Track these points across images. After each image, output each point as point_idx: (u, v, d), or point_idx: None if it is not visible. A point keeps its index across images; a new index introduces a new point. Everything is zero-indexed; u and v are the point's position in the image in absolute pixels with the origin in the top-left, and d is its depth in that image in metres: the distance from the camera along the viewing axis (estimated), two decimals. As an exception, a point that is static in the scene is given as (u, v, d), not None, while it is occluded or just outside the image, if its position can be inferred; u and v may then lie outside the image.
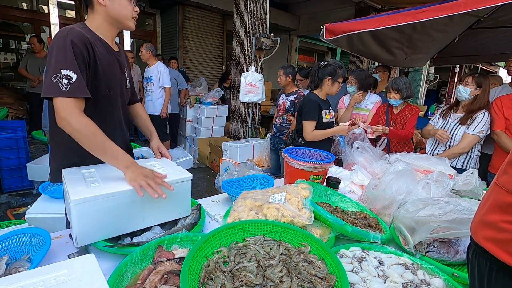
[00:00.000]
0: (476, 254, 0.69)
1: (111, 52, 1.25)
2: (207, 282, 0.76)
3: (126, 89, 1.39)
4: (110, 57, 1.23)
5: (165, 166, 1.22)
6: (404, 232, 1.09)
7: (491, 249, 0.63)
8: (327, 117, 2.34)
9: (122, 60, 1.35)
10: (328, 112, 2.36)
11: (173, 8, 6.60)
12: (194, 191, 3.85)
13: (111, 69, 1.22)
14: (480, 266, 0.67)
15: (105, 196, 0.94)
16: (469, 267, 0.74)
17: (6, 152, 3.22)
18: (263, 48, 4.29)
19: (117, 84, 1.29)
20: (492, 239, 0.64)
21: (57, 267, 0.70)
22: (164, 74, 4.15)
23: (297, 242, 0.95)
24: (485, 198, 0.73)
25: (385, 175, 1.41)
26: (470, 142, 2.25)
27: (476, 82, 2.22)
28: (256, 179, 1.71)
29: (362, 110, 2.93)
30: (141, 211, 1.03)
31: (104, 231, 0.97)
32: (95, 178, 1.03)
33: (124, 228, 1.02)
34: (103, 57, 1.17)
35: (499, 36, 3.71)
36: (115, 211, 0.97)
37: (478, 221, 0.71)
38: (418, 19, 2.18)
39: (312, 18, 7.65)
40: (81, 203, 0.90)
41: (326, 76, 2.27)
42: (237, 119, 4.66)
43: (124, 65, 1.36)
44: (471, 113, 2.26)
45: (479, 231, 0.69)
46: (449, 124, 2.38)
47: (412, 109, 2.57)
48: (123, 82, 1.35)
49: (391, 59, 3.73)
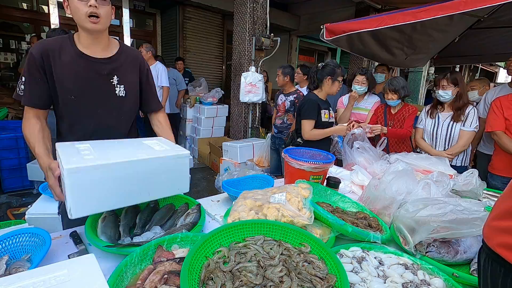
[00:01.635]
0: (489, 259, 0.68)
1: (85, 60, 1.21)
2: (207, 282, 0.76)
3: (117, 96, 1.29)
4: (79, 65, 1.20)
5: (161, 143, 1.19)
6: (404, 232, 1.09)
7: (506, 256, 0.62)
8: (326, 117, 2.35)
9: (112, 67, 1.27)
10: (328, 112, 2.37)
11: (173, 8, 6.60)
12: (194, 191, 3.85)
13: (75, 77, 1.19)
14: (494, 272, 0.66)
15: (99, 166, 0.90)
16: (481, 272, 0.72)
17: (6, 152, 3.22)
18: (263, 48, 4.30)
19: (87, 92, 1.22)
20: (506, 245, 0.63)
21: (57, 267, 0.70)
22: (162, 73, 4.15)
23: (297, 242, 0.95)
24: (501, 201, 0.71)
25: (385, 175, 1.41)
26: (468, 138, 2.32)
27: (452, 82, 2.28)
28: (256, 179, 1.71)
29: (362, 110, 2.93)
30: (137, 184, 1.01)
31: (99, 203, 0.94)
32: (90, 152, 1.01)
33: (119, 201, 0.99)
34: (65, 65, 1.17)
35: (499, 36, 3.71)
36: (109, 183, 0.94)
37: (493, 226, 0.69)
38: (418, 19, 2.19)
39: (312, 18, 7.64)
40: (75, 173, 0.86)
41: (325, 76, 2.30)
42: (237, 119, 4.66)
43: (113, 72, 1.27)
44: (460, 110, 2.31)
45: (495, 237, 0.67)
46: (441, 123, 2.40)
47: (409, 108, 2.59)
48: (104, 89, 1.26)
49: (391, 59, 3.73)
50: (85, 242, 1.04)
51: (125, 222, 1.13)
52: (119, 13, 6.39)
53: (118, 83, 1.29)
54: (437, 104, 2.46)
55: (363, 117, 2.90)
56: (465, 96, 2.33)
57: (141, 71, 1.40)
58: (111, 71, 1.27)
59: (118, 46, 1.34)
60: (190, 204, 1.29)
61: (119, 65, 1.30)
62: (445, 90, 2.31)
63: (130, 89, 1.34)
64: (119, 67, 1.30)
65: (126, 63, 1.33)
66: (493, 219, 0.70)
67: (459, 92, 2.29)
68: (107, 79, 1.27)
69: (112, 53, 1.29)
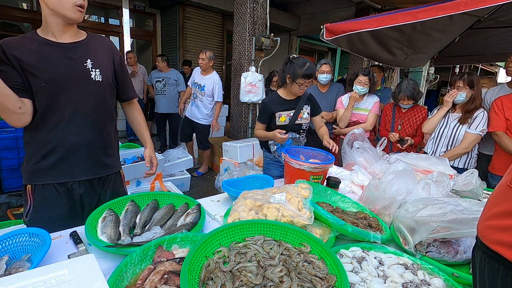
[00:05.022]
0: (486, 257, 0.68)
1: (51, 46, 1.19)
2: (207, 282, 0.76)
3: (93, 81, 1.25)
4: (46, 51, 1.18)
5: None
6: (404, 232, 1.09)
7: (506, 254, 0.62)
8: (283, 120, 2.08)
9: (83, 50, 1.24)
10: (288, 114, 2.08)
11: (173, 8, 6.60)
12: (194, 191, 3.83)
13: (43, 63, 1.17)
14: (492, 270, 0.66)
15: None
16: (478, 270, 0.71)
17: (6, 152, 3.22)
18: (263, 48, 4.30)
19: (60, 78, 1.19)
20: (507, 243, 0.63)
21: (57, 267, 0.70)
22: (219, 88, 3.97)
23: (297, 242, 0.95)
24: (494, 200, 0.71)
25: (385, 175, 1.41)
26: (472, 141, 2.27)
27: (468, 84, 2.24)
28: (256, 179, 1.71)
29: (362, 110, 2.93)
30: None
31: None
32: None
33: None
34: (32, 54, 1.16)
35: (499, 36, 3.71)
36: None
37: (489, 224, 0.69)
38: (418, 19, 2.18)
39: (312, 18, 7.65)
40: None
41: (285, 73, 2.02)
42: (237, 119, 4.66)
43: (85, 55, 1.24)
44: (469, 112, 2.27)
45: (491, 235, 0.67)
46: (449, 124, 2.38)
47: (420, 109, 2.62)
48: (78, 74, 1.22)
49: (391, 59, 3.73)
50: (85, 242, 1.04)
51: (125, 222, 1.14)
52: (119, 13, 6.39)
53: (93, 66, 1.25)
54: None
55: (363, 117, 2.90)
56: (478, 100, 2.26)
57: (115, 58, 1.35)
58: (83, 54, 1.24)
59: (86, 34, 1.31)
60: (190, 204, 1.30)
61: (91, 49, 1.27)
62: (460, 91, 2.26)
63: (106, 74, 1.30)
64: (91, 51, 1.26)
65: (98, 48, 1.29)
66: (488, 216, 0.70)
67: (473, 95, 2.24)
68: (80, 63, 1.23)
69: (80, 39, 1.26)
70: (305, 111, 2.13)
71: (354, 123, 2.90)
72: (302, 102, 2.10)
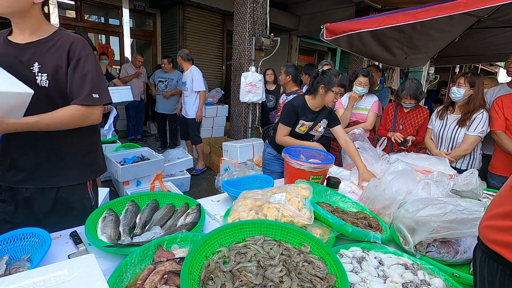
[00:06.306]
0: (485, 256, 0.69)
1: (10, 46, 1.14)
2: (207, 282, 0.76)
3: (38, 86, 1.13)
4: (4, 53, 1.13)
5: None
6: (404, 232, 1.09)
7: (505, 254, 0.63)
8: (303, 130, 2.10)
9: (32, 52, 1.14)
10: (308, 125, 2.10)
11: (173, 8, 6.60)
12: (194, 191, 3.83)
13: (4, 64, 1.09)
14: (491, 269, 0.67)
15: None
16: (477, 269, 0.72)
17: None
18: (263, 48, 4.30)
19: None
20: (506, 244, 0.63)
21: (57, 267, 0.70)
22: (196, 78, 4.07)
23: (297, 242, 0.95)
24: (496, 201, 0.71)
25: (385, 175, 1.41)
26: (472, 143, 2.25)
27: (469, 82, 2.22)
28: (256, 179, 1.71)
29: (361, 109, 2.93)
30: None
31: None
32: None
33: None
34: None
35: (499, 36, 3.71)
36: None
37: (489, 225, 0.69)
38: (418, 19, 2.18)
39: (312, 18, 7.64)
40: None
41: (319, 84, 2.03)
42: (237, 119, 4.66)
43: (33, 58, 1.13)
44: (467, 114, 2.26)
45: (490, 235, 0.68)
46: (448, 125, 2.38)
47: (421, 110, 2.62)
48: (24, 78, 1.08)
49: (391, 59, 3.73)
50: (85, 242, 1.04)
51: (125, 222, 1.14)
52: (119, 13, 6.39)
53: (40, 71, 1.13)
54: (449, 105, 2.44)
55: (363, 117, 2.90)
56: (478, 101, 2.22)
57: (70, 58, 1.17)
58: (31, 57, 1.13)
59: (52, 32, 1.18)
60: (190, 204, 1.30)
61: (44, 50, 1.15)
62: (459, 88, 2.24)
63: (56, 78, 1.16)
64: (41, 54, 1.14)
65: (53, 49, 1.16)
66: (490, 217, 0.70)
67: (472, 95, 2.22)
68: (27, 66, 1.13)
69: (38, 38, 1.15)
70: (322, 125, 2.17)
71: (354, 123, 2.90)
72: (323, 115, 2.14)
